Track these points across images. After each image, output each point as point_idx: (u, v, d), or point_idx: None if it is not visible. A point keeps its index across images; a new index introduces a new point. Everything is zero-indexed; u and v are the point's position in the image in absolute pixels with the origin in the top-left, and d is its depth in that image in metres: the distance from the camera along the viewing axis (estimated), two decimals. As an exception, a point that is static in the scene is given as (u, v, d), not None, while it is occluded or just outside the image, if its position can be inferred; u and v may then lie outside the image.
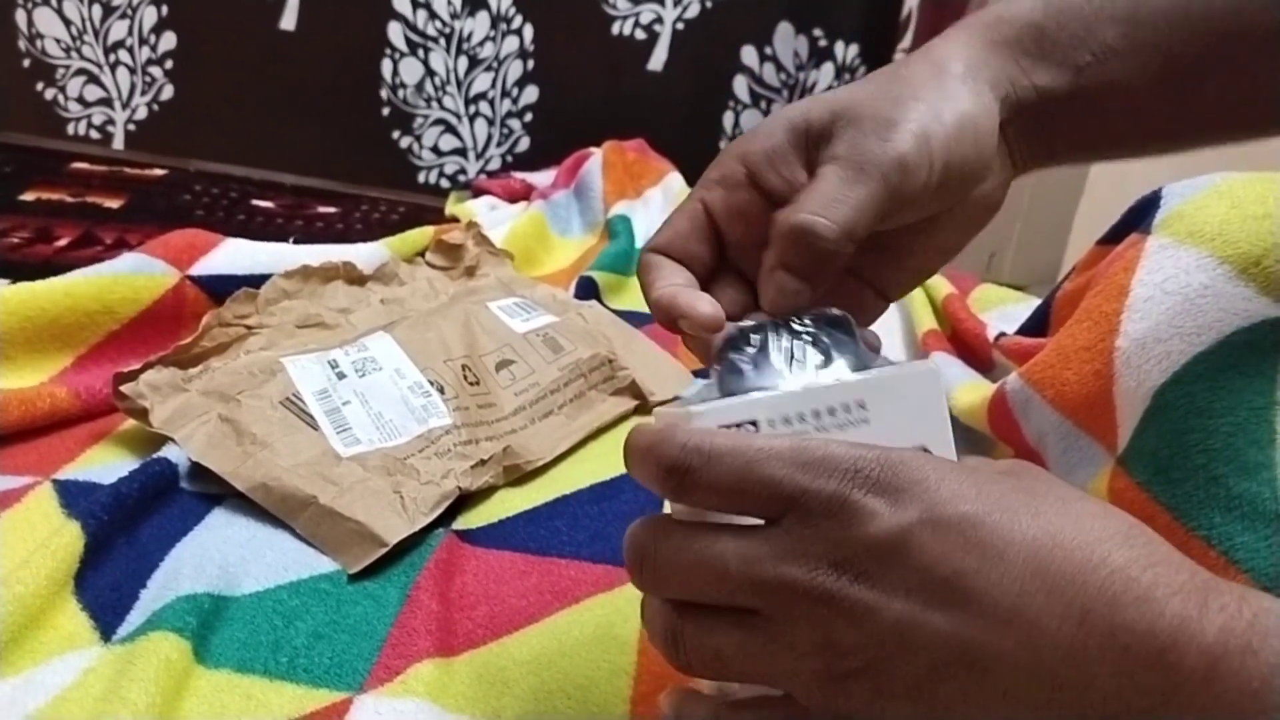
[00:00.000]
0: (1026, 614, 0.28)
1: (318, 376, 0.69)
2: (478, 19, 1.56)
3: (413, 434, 0.66)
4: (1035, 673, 0.28)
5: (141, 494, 0.59)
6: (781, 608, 0.30)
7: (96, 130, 1.54)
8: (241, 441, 0.62)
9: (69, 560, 0.53)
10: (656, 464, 0.31)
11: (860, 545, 0.29)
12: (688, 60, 1.62)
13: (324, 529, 0.58)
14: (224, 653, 0.50)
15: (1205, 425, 0.46)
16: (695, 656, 0.32)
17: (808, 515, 0.30)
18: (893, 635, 0.29)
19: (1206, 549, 0.44)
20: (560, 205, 1.22)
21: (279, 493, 0.60)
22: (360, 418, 0.67)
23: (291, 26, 1.52)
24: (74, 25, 1.48)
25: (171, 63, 1.52)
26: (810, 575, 0.29)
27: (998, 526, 0.29)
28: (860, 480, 0.29)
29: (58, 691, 0.47)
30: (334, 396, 0.68)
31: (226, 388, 0.67)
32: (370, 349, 0.73)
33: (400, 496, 0.60)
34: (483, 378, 0.73)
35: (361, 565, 0.56)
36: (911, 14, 1.56)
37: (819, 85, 1.66)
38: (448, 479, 0.63)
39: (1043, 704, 0.28)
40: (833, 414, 0.34)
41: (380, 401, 0.68)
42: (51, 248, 1.04)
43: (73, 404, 0.68)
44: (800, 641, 0.30)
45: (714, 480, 0.30)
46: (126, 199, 1.25)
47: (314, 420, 0.65)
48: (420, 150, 1.62)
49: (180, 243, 0.80)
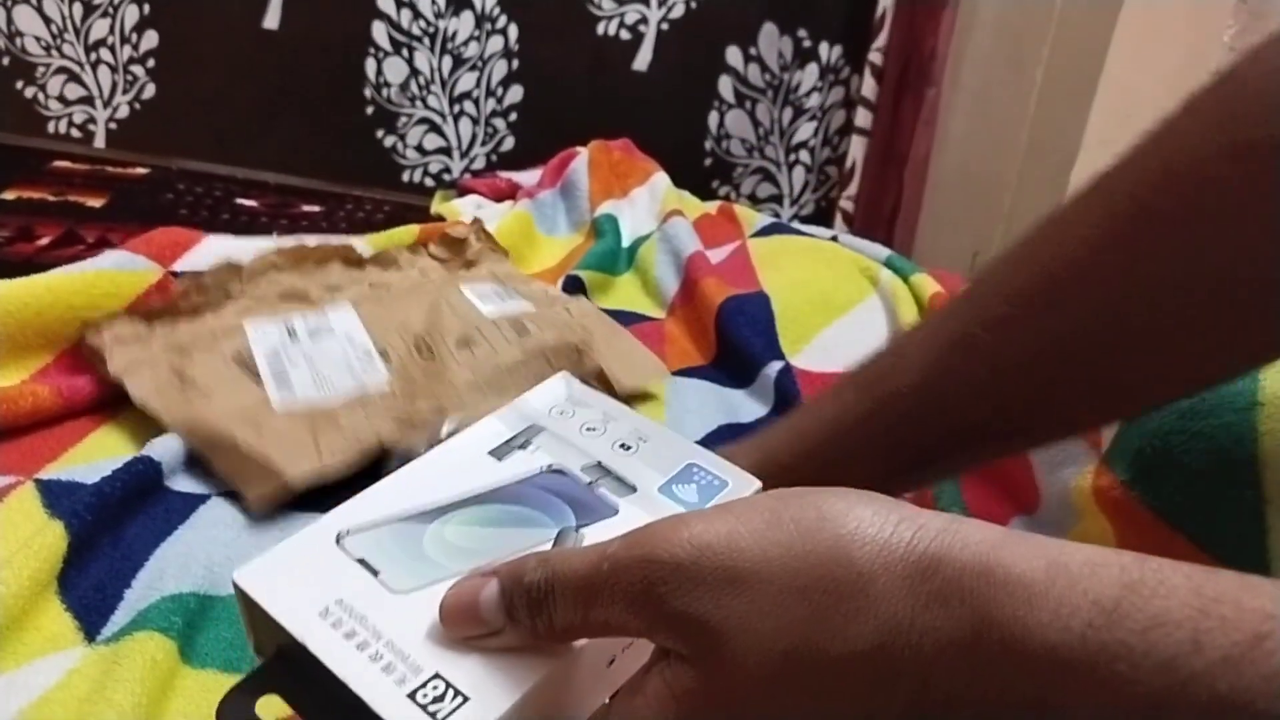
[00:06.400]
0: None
1: (272, 338, 0.71)
2: (462, 18, 1.55)
3: (347, 391, 0.68)
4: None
5: (125, 493, 0.58)
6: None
7: (77, 129, 1.52)
8: (185, 390, 0.65)
9: (52, 560, 0.52)
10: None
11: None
12: (672, 60, 1.63)
13: (238, 467, 0.60)
14: (210, 653, 0.49)
15: (1188, 425, 0.46)
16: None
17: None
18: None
19: (1188, 545, 0.44)
20: (546, 204, 1.22)
21: (203, 432, 0.62)
22: (302, 376, 0.69)
23: (275, 25, 1.52)
24: (54, 23, 1.47)
25: (153, 61, 1.51)
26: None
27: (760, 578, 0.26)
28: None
29: (41, 692, 0.46)
30: (283, 357, 0.70)
31: (185, 344, 0.69)
32: (329, 317, 0.75)
33: (315, 443, 0.62)
34: (439, 353, 0.73)
35: (265, 502, 0.58)
36: (886, 14, 1.57)
37: (803, 85, 1.67)
38: (369, 435, 0.64)
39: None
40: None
41: (325, 364, 0.70)
42: (33, 246, 1.03)
43: (54, 402, 0.67)
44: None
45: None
46: (109, 198, 1.24)
47: (259, 377, 0.68)
48: (405, 149, 1.61)
49: (164, 239, 0.80)
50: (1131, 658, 0.22)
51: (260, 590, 0.32)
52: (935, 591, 0.24)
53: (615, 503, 0.35)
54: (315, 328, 0.72)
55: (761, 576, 0.26)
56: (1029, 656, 0.23)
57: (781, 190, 1.74)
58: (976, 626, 0.24)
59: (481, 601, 0.29)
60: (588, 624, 0.28)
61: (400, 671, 0.29)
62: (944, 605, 0.24)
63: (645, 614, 0.27)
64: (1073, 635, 0.22)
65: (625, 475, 0.36)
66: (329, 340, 0.71)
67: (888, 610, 0.25)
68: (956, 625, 0.24)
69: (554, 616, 0.28)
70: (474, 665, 0.29)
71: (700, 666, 0.26)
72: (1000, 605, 0.23)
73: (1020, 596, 0.23)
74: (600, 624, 0.28)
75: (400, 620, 0.30)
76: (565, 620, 0.28)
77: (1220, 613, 0.22)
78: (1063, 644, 0.22)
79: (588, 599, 0.28)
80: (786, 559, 0.26)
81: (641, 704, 0.27)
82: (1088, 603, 0.23)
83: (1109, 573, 0.23)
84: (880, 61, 1.60)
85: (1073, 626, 0.22)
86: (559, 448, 0.38)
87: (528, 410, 0.40)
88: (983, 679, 0.24)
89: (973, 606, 0.24)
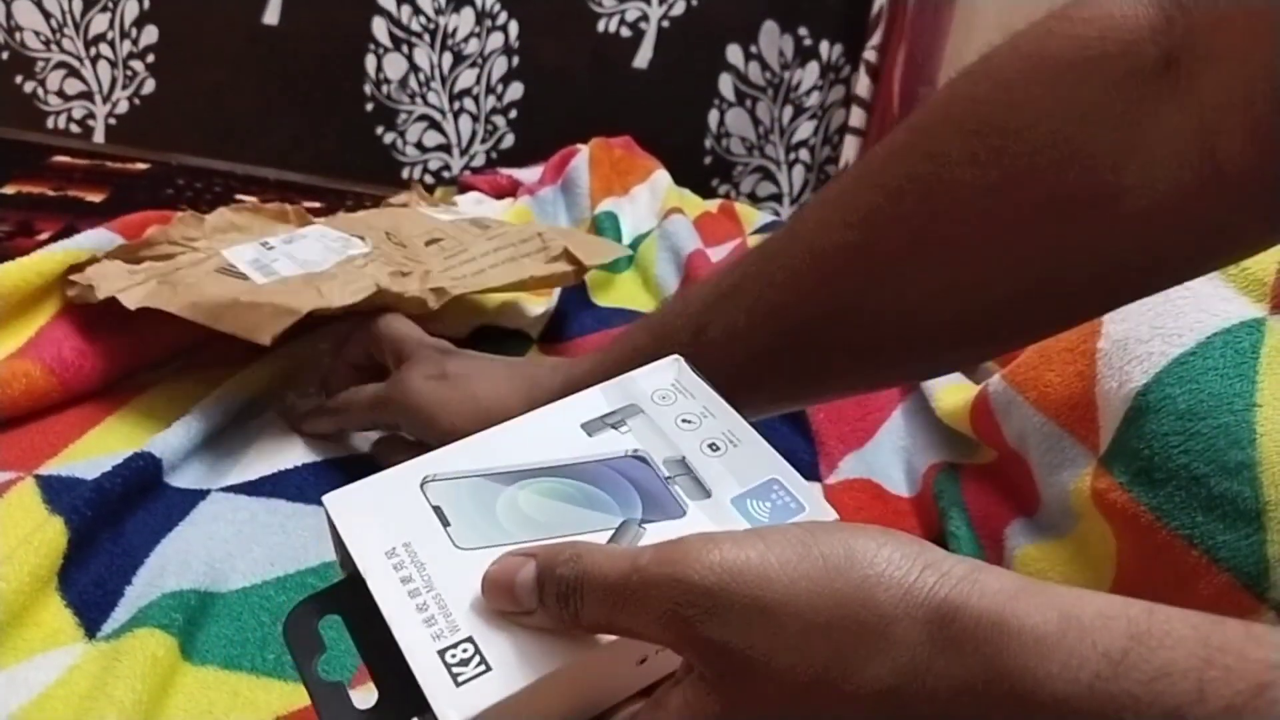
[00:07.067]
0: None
1: (250, 252, 0.75)
2: (462, 15, 1.55)
3: (332, 262, 0.72)
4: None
5: (126, 489, 0.58)
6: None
7: (77, 124, 1.52)
8: (176, 289, 0.67)
9: (52, 556, 0.52)
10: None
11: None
12: (673, 58, 1.63)
13: (244, 317, 0.63)
14: (211, 649, 0.49)
15: (1186, 427, 0.46)
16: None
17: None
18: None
19: (1188, 548, 0.45)
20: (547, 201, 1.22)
21: (205, 305, 0.64)
22: (285, 266, 0.72)
23: (275, 21, 1.51)
24: (54, 18, 1.47)
25: (153, 56, 1.51)
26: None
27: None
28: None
29: (42, 689, 0.46)
30: (264, 260, 0.73)
31: (167, 270, 0.71)
32: (300, 231, 0.79)
33: (318, 289, 0.66)
34: (410, 245, 0.77)
35: (273, 332, 0.61)
36: (882, 12, 1.57)
37: (803, 84, 1.67)
38: (366, 281, 0.67)
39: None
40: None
41: (306, 253, 0.74)
42: (32, 241, 1.03)
43: (49, 382, 0.67)
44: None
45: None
46: (109, 193, 1.25)
47: (245, 275, 0.71)
48: (404, 146, 1.61)
49: (139, 219, 0.80)
50: (1137, 708, 0.22)
51: (342, 517, 0.35)
52: (952, 638, 0.25)
53: (686, 504, 0.35)
54: (290, 238, 0.77)
55: (788, 610, 0.26)
56: (1038, 706, 0.24)
57: (782, 189, 1.74)
58: (989, 675, 0.24)
59: (518, 581, 0.31)
60: (614, 625, 0.30)
61: (439, 626, 0.31)
62: (959, 652, 0.25)
63: (671, 632, 0.28)
64: (1081, 686, 0.23)
65: (704, 478, 0.36)
66: (303, 241, 0.76)
67: (906, 653, 0.25)
68: (970, 672, 0.25)
69: (580, 611, 0.29)
70: (507, 639, 0.31)
71: (723, 690, 0.27)
72: (1013, 655, 0.24)
73: (1032, 648, 0.24)
74: (626, 628, 0.29)
75: (455, 577, 0.32)
76: (591, 617, 0.29)
77: (1225, 663, 0.22)
78: (1072, 695, 0.23)
79: (615, 604, 0.29)
80: (813, 594, 0.26)
81: (663, 719, 0.29)
82: (1097, 654, 0.23)
83: (1118, 625, 0.24)
84: (875, 59, 1.60)
85: (1081, 678, 0.23)
86: (650, 434, 0.38)
87: (633, 389, 0.40)
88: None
89: (986, 655, 0.24)
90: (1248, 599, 0.42)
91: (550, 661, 0.30)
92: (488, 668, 0.30)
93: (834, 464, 0.68)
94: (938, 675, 0.25)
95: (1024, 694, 0.24)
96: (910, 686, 0.25)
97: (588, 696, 0.32)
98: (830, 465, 0.68)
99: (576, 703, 0.32)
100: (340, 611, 0.33)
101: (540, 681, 0.30)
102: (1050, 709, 0.23)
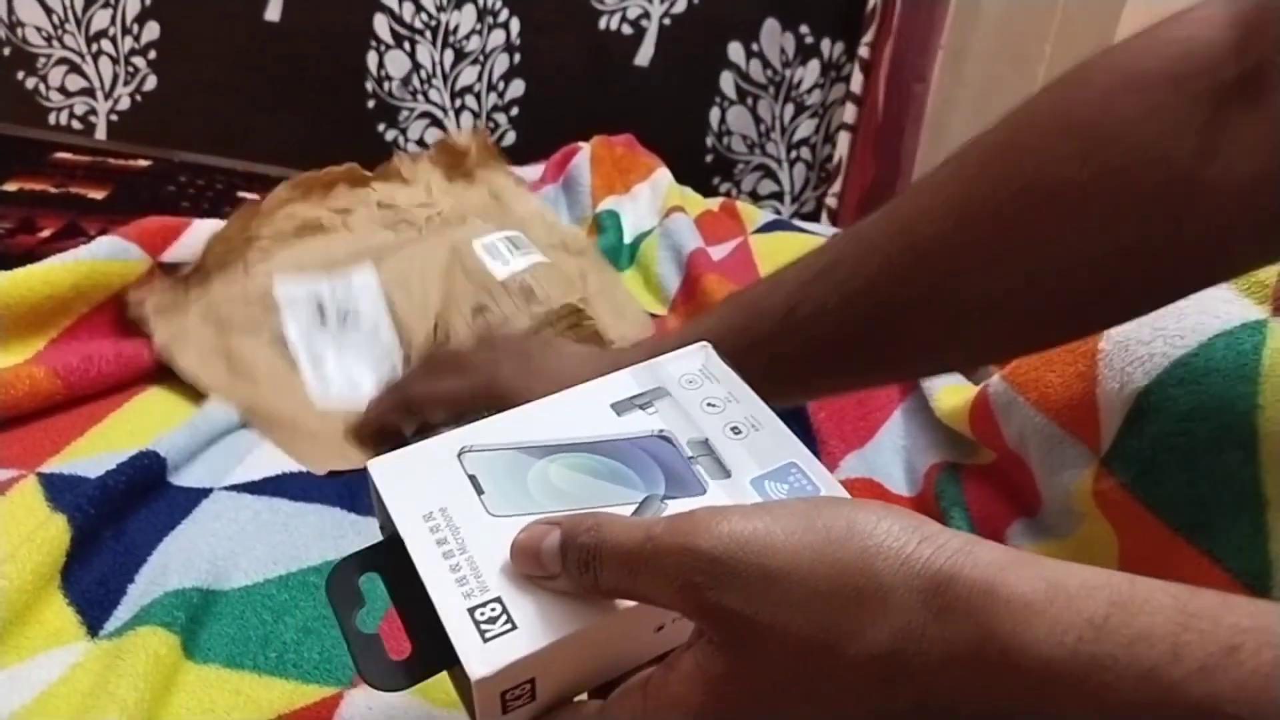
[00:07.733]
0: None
1: (302, 318, 0.77)
2: (464, 12, 1.55)
3: (373, 381, 0.75)
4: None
5: (129, 488, 0.58)
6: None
7: (78, 120, 1.52)
8: (232, 374, 0.71)
9: (55, 554, 0.52)
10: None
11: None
12: (674, 56, 1.62)
13: (300, 444, 0.67)
14: (213, 648, 0.50)
15: (1188, 428, 0.46)
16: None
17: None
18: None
19: (1189, 548, 0.45)
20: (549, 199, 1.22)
21: (261, 413, 0.69)
22: (334, 373, 0.75)
23: (276, 18, 1.51)
24: (55, 14, 1.47)
25: (155, 53, 1.51)
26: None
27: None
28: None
29: (44, 687, 0.46)
30: (316, 343, 0.76)
31: (223, 316, 0.75)
32: (354, 286, 0.81)
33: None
34: (454, 329, 0.79)
35: (330, 468, 0.64)
36: (876, 8, 1.57)
37: (804, 82, 1.67)
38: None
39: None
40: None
41: (352, 357, 0.77)
42: (35, 239, 1.04)
43: (53, 384, 0.67)
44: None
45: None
46: (111, 190, 1.25)
47: (296, 364, 0.74)
48: (405, 143, 1.61)
49: (154, 227, 0.80)
50: (1116, 668, 0.24)
51: (385, 482, 0.37)
52: (946, 606, 0.26)
53: (707, 483, 0.37)
54: (343, 307, 0.79)
55: (792, 577, 0.28)
56: (1025, 669, 0.25)
57: (783, 187, 1.74)
58: (980, 640, 0.26)
59: (544, 548, 0.33)
60: (630, 591, 0.31)
61: (470, 585, 0.33)
62: (953, 618, 0.26)
63: (681, 597, 0.29)
64: (1065, 650, 0.25)
65: (725, 459, 0.38)
66: (355, 331, 0.78)
67: (902, 619, 0.27)
68: (962, 637, 0.26)
69: (599, 577, 0.31)
70: (532, 601, 0.32)
71: (729, 653, 0.29)
72: (1002, 621, 0.26)
73: (1021, 614, 0.25)
74: (641, 594, 0.31)
75: (487, 541, 0.34)
76: (609, 582, 0.31)
77: (1199, 627, 0.24)
78: (1056, 658, 0.25)
79: (630, 570, 0.31)
80: (816, 563, 0.28)
81: (675, 679, 0.30)
82: (1081, 620, 0.25)
83: (1101, 593, 0.25)
84: (869, 56, 1.59)
85: (1065, 642, 0.25)
86: (675, 416, 0.40)
87: (661, 373, 0.41)
88: (983, 687, 0.26)
89: (978, 621, 0.26)
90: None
91: (572, 623, 0.32)
92: (514, 626, 0.32)
93: (835, 463, 0.68)
94: (932, 640, 0.26)
95: (1013, 656, 0.25)
96: (907, 650, 0.27)
97: (607, 659, 0.34)
98: (831, 464, 0.68)
99: (597, 664, 0.34)
100: (379, 569, 0.35)
101: (562, 641, 0.32)
102: (1037, 670, 0.25)
